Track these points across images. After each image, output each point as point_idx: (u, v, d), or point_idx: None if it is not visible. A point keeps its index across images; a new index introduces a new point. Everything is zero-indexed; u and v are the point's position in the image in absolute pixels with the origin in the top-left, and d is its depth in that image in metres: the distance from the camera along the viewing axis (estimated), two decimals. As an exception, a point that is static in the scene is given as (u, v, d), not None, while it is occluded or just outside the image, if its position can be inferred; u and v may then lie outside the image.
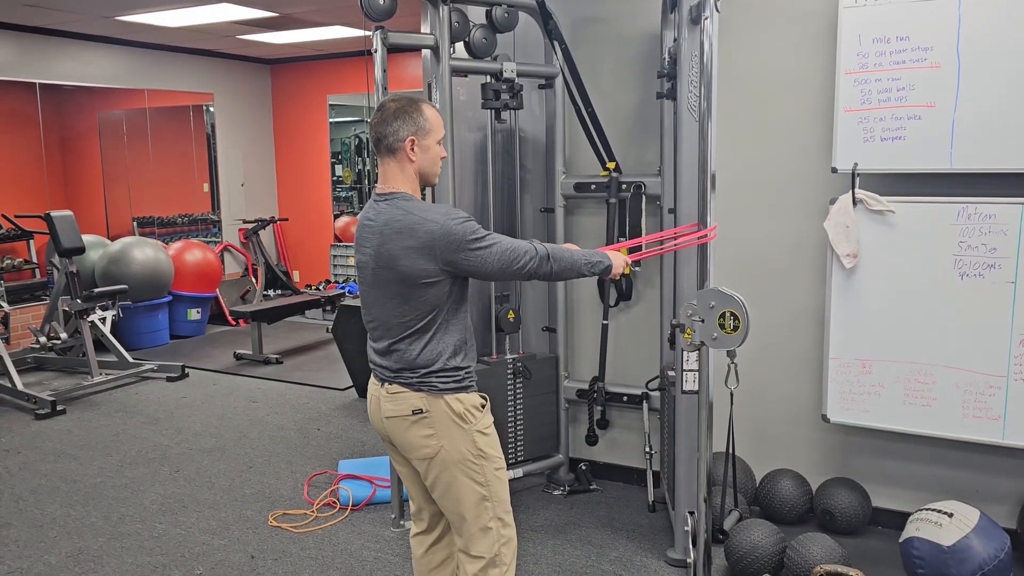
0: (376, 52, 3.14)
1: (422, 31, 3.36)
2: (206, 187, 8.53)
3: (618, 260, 2.43)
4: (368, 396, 2.32)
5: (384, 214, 2.14)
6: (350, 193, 9.09)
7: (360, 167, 9.00)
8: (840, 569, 2.64)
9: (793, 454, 3.51)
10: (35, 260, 7.39)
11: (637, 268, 3.64)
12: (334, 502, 3.74)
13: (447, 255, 2.08)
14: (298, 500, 3.81)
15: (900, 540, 2.91)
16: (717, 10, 2.59)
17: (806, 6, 3.25)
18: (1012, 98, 2.82)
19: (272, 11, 5.96)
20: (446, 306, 2.17)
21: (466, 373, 2.22)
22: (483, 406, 2.24)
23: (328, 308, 7.42)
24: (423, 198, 2.24)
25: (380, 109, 2.18)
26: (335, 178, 8.74)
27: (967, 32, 2.84)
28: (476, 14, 3.44)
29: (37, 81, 6.92)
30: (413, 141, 2.14)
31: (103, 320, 5.96)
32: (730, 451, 3.04)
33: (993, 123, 2.85)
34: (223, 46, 7.66)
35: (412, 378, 2.17)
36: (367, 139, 8.78)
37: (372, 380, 2.30)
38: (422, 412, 2.16)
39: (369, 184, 8.93)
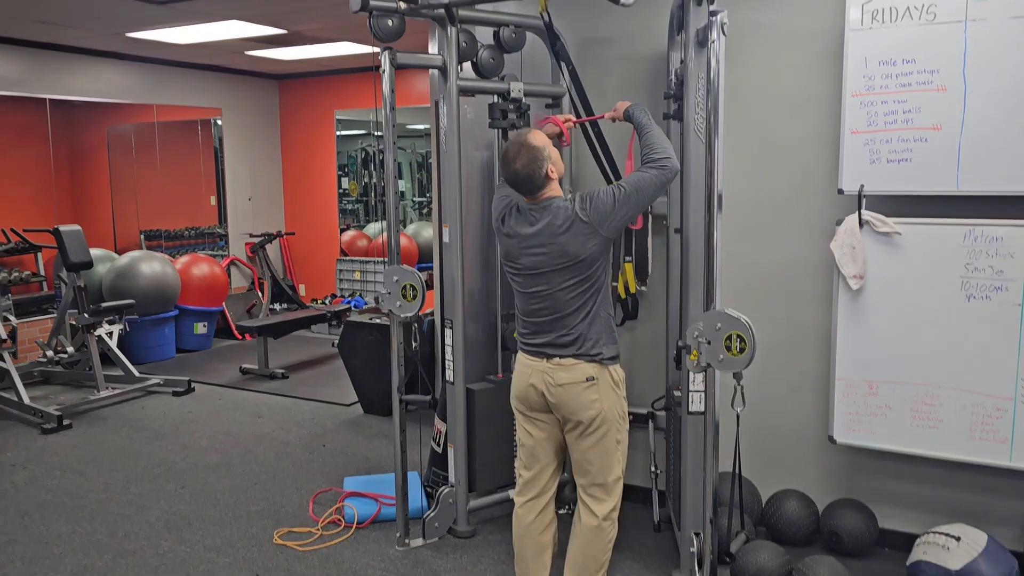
0: (385, 72, 3.16)
1: (430, 51, 3.38)
2: (213, 200, 8.56)
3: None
4: (522, 373, 2.79)
5: (547, 217, 2.65)
6: (356, 206, 9.12)
7: (366, 180, 9.04)
8: (847, 592, 2.64)
9: (799, 475, 3.50)
10: (43, 273, 7.43)
11: (643, 288, 3.64)
12: (339, 520, 3.74)
13: (608, 223, 2.60)
14: (303, 517, 3.81)
15: (907, 563, 2.90)
16: (724, 33, 2.60)
17: (812, 28, 3.27)
18: (1018, 121, 2.82)
19: (281, 28, 6.01)
20: (606, 282, 2.71)
21: (617, 348, 2.76)
22: (623, 380, 2.79)
23: (334, 322, 7.43)
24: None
25: (515, 173, 2.65)
26: (341, 190, 8.77)
27: (973, 55, 2.85)
28: (484, 34, 3.47)
29: (47, 96, 6.97)
30: (551, 168, 2.66)
31: (110, 334, 5.97)
32: (736, 472, 3.03)
33: (999, 146, 2.86)
34: (232, 62, 7.71)
35: (582, 351, 2.66)
36: (374, 152, 8.90)
37: (527, 359, 2.77)
38: (594, 379, 2.66)
39: (375, 197, 8.96)
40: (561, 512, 3.77)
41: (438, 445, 3.90)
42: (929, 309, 3.02)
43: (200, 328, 7.44)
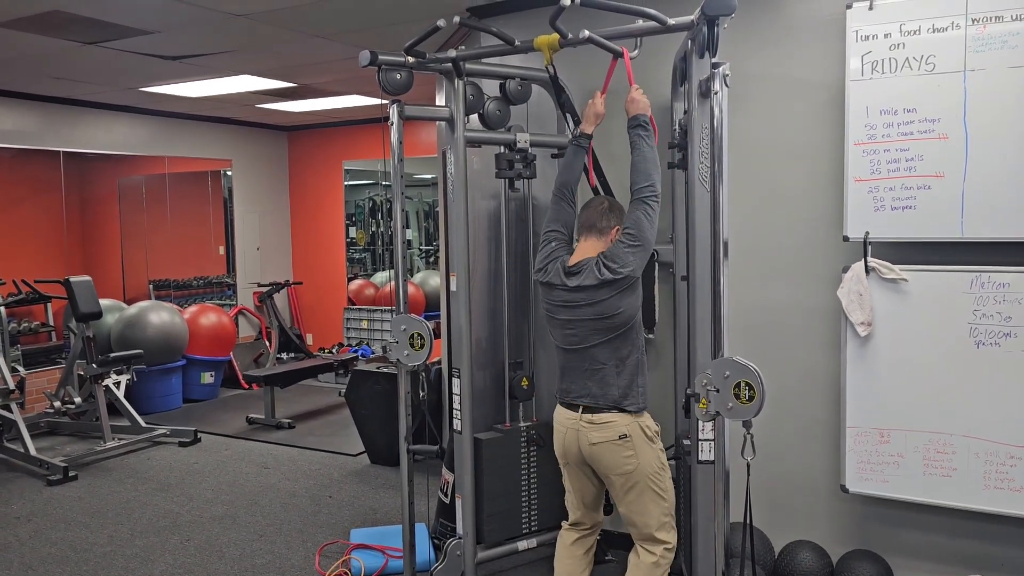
0: (393, 124, 3.21)
1: (437, 102, 3.43)
2: (222, 250, 8.63)
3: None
4: (558, 431, 2.92)
5: (581, 277, 2.78)
6: (363, 255, 9.17)
7: (374, 228, 9.10)
8: (864, 647, 2.58)
9: (812, 525, 3.45)
10: (52, 323, 7.46)
11: (651, 336, 3.64)
12: (346, 573, 3.69)
13: (631, 273, 2.74)
14: (309, 571, 3.75)
15: (925, 616, 2.84)
16: (727, 85, 2.64)
17: (814, 78, 3.32)
18: (1020, 168, 2.84)
19: (291, 82, 6.12)
20: (639, 335, 2.83)
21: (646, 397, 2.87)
22: (657, 432, 2.88)
23: (341, 372, 7.42)
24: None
25: (593, 205, 2.92)
26: (349, 239, 8.84)
27: (973, 104, 2.89)
28: (490, 86, 3.52)
29: (61, 149, 7.09)
30: (618, 229, 2.84)
31: (117, 384, 5.97)
32: (748, 522, 2.98)
33: (1003, 192, 2.88)
34: (242, 114, 7.85)
35: (614, 403, 2.77)
36: (381, 201, 8.98)
37: (562, 411, 2.90)
38: (627, 436, 2.77)
39: (383, 245, 9.02)
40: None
41: (445, 496, 3.86)
42: (938, 356, 3.01)
43: (207, 377, 7.43)
